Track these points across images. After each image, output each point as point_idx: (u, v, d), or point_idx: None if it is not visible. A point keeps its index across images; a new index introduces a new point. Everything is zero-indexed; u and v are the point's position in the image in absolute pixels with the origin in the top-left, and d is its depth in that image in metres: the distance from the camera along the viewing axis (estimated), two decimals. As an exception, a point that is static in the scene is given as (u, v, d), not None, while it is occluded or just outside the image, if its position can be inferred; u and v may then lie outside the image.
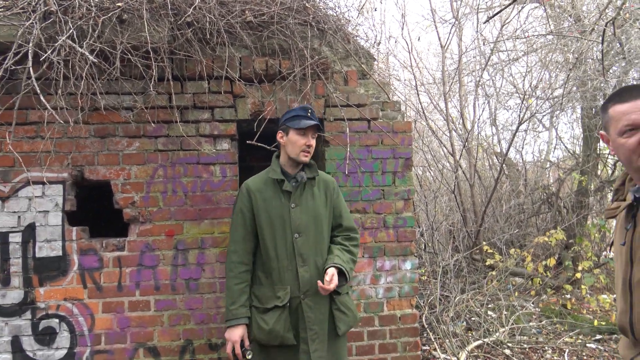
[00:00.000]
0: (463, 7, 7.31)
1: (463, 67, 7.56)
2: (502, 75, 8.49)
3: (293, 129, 2.78)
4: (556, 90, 6.98)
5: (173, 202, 3.42)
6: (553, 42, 7.29)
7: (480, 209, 7.24)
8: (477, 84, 7.56)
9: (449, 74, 7.35)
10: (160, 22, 3.20)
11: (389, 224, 3.68)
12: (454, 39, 7.82)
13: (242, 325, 2.74)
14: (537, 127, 9.52)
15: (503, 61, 8.04)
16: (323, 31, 3.75)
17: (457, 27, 7.18)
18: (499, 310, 5.64)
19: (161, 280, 3.38)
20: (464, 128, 7.48)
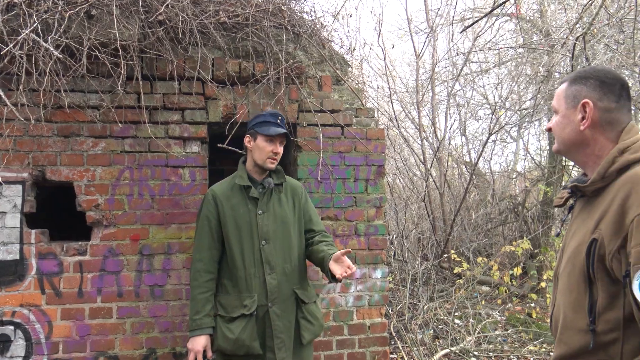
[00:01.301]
0: (437, 17, 7.38)
1: (436, 77, 7.62)
2: (472, 87, 8.62)
3: (261, 135, 2.71)
4: (525, 102, 7.10)
5: (139, 205, 3.30)
6: (523, 55, 7.43)
7: (449, 217, 7.29)
8: (449, 93, 7.63)
9: (422, 83, 7.39)
10: (130, 19, 3.10)
11: (361, 231, 3.64)
12: (427, 49, 7.89)
13: (206, 335, 2.66)
14: (506, 138, 9.70)
15: (474, 72, 8.16)
16: (298, 35, 3.71)
17: (432, 36, 7.24)
18: (465, 318, 5.67)
19: (124, 286, 3.26)
20: (435, 137, 7.54)
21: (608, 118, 1.54)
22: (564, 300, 1.58)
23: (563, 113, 1.61)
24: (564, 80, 1.65)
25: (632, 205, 1.36)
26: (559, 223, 7.25)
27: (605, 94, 1.55)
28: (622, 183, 1.43)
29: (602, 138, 1.55)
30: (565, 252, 1.63)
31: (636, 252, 1.32)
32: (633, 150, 1.47)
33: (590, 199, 1.56)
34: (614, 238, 1.39)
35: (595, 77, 1.56)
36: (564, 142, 1.62)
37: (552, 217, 8.07)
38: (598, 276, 1.44)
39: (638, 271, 1.31)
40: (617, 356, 1.42)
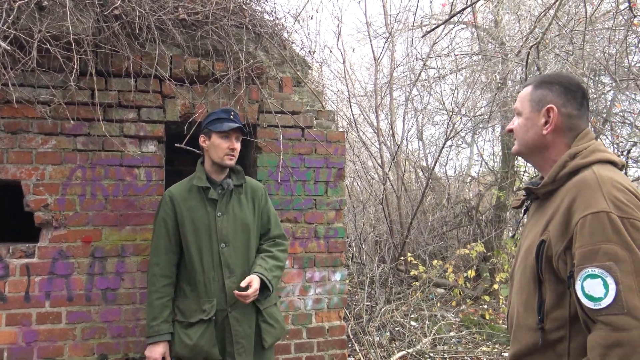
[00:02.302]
0: (396, 23, 7.47)
1: (394, 82, 7.71)
2: (429, 92, 8.77)
3: (215, 132, 2.66)
4: (479, 109, 7.28)
5: (92, 206, 3.18)
6: (478, 63, 7.62)
7: (405, 220, 7.38)
8: (407, 98, 7.74)
9: (380, 87, 7.47)
10: (84, 12, 2.99)
11: (320, 234, 3.63)
12: (386, 53, 7.99)
13: (164, 342, 2.58)
14: (461, 143, 9.91)
15: (432, 77, 8.30)
16: (259, 35, 3.66)
17: (391, 41, 7.32)
18: (421, 320, 5.74)
19: (75, 290, 3.12)
20: (394, 141, 7.62)
21: (569, 124, 1.58)
22: (517, 300, 1.63)
23: (527, 116, 1.63)
24: (529, 84, 1.68)
25: (577, 209, 1.41)
26: (513, 226, 7.45)
27: (569, 100, 1.59)
28: (570, 187, 1.48)
29: (560, 143, 1.59)
30: (519, 253, 1.68)
31: (579, 253, 1.37)
32: (583, 155, 1.52)
33: (542, 201, 1.61)
34: (560, 239, 1.44)
35: (560, 83, 1.60)
36: (526, 144, 1.65)
37: (505, 221, 8.30)
38: (546, 276, 1.49)
39: (581, 272, 1.36)
40: (564, 353, 1.46)
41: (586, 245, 1.36)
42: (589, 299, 1.35)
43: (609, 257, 1.33)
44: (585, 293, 1.35)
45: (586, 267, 1.36)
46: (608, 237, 1.34)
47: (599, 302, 1.33)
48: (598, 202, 1.38)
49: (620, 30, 4.86)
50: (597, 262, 1.34)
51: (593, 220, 1.36)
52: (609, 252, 1.34)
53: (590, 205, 1.39)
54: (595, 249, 1.35)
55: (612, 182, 1.42)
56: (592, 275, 1.34)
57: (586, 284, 1.35)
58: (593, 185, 1.42)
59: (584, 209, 1.39)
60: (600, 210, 1.37)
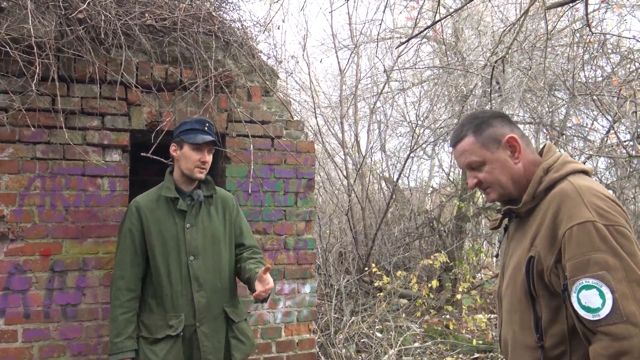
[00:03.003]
0: (361, 35, 7.54)
1: (358, 94, 7.76)
2: (391, 105, 8.87)
3: (188, 144, 2.57)
4: (443, 121, 7.41)
5: (51, 217, 3.03)
6: (440, 76, 7.76)
7: (369, 231, 7.40)
8: (372, 110, 7.80)
9: (345, 98, 7.50)
10: (47, 15, 2.86)
11: (290, 245, 3.57)
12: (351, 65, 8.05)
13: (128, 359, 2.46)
14: (422, 155, 10.06)
15: (395, 90, 8.41)
16: (228, 43, 3.61)
17: (356, 53, 7.38)
18: (387, 331, 5.74)
19: (32, 306, 2.96)
20: (358, 152, 7.66)
21: (525, 141, 1.62)
22: (510, 320, 1.61)
23: (492, 159, 1.60)
24: (461, 137, 1.64)
25: (562, 220, 1.41)
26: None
27: (510, 124, 1.63)
28: (550, 200, 1.49)
29: (527, 163, 1.60)
30: (505, 272, 1.66)
31: (570, 265, 1.37)
32: (556, 169, 1.54)
33: (523, 219, 1.60)
34: (549, 253, 1.43)
35: (493, 117, 1.63)
36: (505, 185, 1.61)
37: (465, 232, 8.45)
38: (539, 292, 1.48)
39: (574, 284, 1.36)
40: None
41: (576, 256, 1.36)
42: (586, 311, 1.34)
43: (600, 267, 1.33)
44: (582, 305, 1.34)
45: (580, 279, 1.35)
46: (596, 246, 1.35)
47: (597, 313, 1.32)
48: (582, 212, 1.39)
49: (577, 46, 5.06)
50: (589, 272, 1.34)
51: (579, 231, 1.37)
52: (599, 261, 1.34)
53: (575, 216, 1.39)
54: (586, 260, 1.35)
55: (591, 191, 1.43)
56: (586, 287, 1.34)
57: (582, 295, 1.34)
58: (573, 195, 1.43)
59: (569, 221, 1.39)
60: (585, 220, 1.37)
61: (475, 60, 7.25)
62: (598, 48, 4.53)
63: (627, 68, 5.69)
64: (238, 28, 3.81)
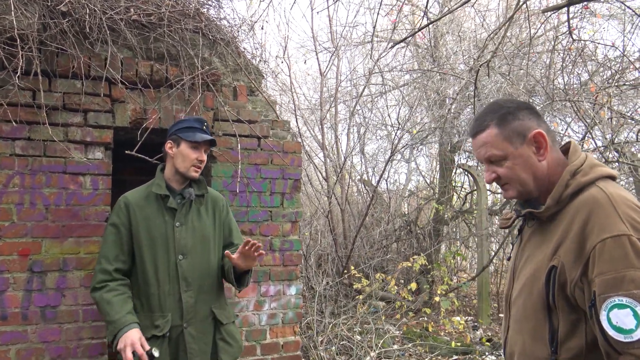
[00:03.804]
0: (341, 38, 7.55)
1: (339, 96, 7.77)
2: (369, 108, 8.90)
3: (186, 141, 2.53)
4: (423, 125, 7.47)
5: (31, 216, 2.92)
6: (419, 80, 7.83)
7: (349, 234, 7.39)
8: (352, 112, 7.81)
9: (325, 100, 7.49)
10: (29, 7, 2.77)
11: (276, 247, 3.53)
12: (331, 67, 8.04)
13: (136, 329, 2.35)
14: (399, 159, 10.13)
15: (374, 94, 8.44)
16: (214, 41, 3.55)
17: (336, 56, 7.38)
18: (366, 334, 5.74)
19: (10, 308, 2.84)
20: (338, 155, 7.65)
21: (552, 138, 1.50)
22: (520, 329, 1.52)
23: (514, 154, 1.49)
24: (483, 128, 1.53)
25: (592, 231, 1.32)
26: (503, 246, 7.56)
27: (537, 117, 1.52)
28: (578, 207, 1.39)
29: (552, 162, 1.50)
30: (518, 277, 1.56)
31: (601, 281, 1.28)
32: (584, 172, 1.44)
33: (544, 223, 1.50)
34: (575, 265, 1.34)
35: (520, 108, 1.51)
36: (525, 182, 1.50)
37: (443, 235, 8.52)
38: (559, 304, 1.39)
39: (605, 302, 1.27)
40: None
41: (608, 272, 1.27)
42: (617, 331, 1.25)
43: (635, 285, 1.24)
44: (613, 325, 1.25)
45: (612, 297, 1.26)
46: (632, 262, 1.25)
47: (630, 335, 1.23)
48: (616, 224, 1.29)
49: (557, 53, 5.16)
50: (623, 290, 1.25)
51: (613, 245, 1.27)
52: (635, 279, 1.24)
53: (608, 228, 1.29)
54: (620, 277, 1.25)
55: (625, 202, 1.34)
56: (619, 305, 1.25)
57: (613, 314, 1.25)
58: (606, 205, 1.33)
59: (601, 232, 1.30)
60: (620, 234, 1.28)
61: (454, 65, 7.33)
62: (577, 55, 4.62)
63: (601, 75, 5.83)
64: (225, 26, 3.76)
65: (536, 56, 5.53)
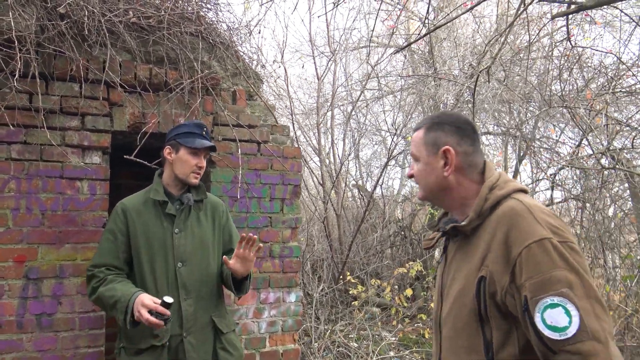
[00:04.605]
0: (338, 44, 7.54)
1: (335, 101, 7.75)
2: (363, 114, 8.89)
3: (185, 147, 2.49)
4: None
5: (26, 221, 2.86)
6: (415, 86, 7.83)
7: (344, 239, 7.36)
8: (348, 117, 7.79)
9: (321, 105, 7.47)
10: (27, 8, 2.72)
11: (275, 253, 3.49)
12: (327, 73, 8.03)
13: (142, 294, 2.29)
14: (394, 164, 10.13)
15: (369, 99, 8.44)
16: (213, 45, 3.51)
17: (333, 60, 7.37)
18: (361, 340, 5.70)
19: (4, 315, 2.77)
20: (334, 160, 7.63)
21: (468, 161, 1.57)
22: (454, 346, 1.52)
23: (425, 160, 1.60)
24: (419, 127, 1.65)
25: (516, 239, 1.37)
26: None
27: (462, 138, 1.57)
28: (498, 218, 1.45)
29: (465, 181, 1.57)
30: (447, 296, 1.57)
31: (531, 284, 1.32)
32: (500, 186, 1.51)
33: (466, 239, 1.55)
34: (504, 273, 1.38)
35: (450, 123, 1.59)
36: (430, 189, 1.61)
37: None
38: (491, 314, 1.42)
39: (538, 303, 1.30)
40: None
41: (536, 275, 1.32)
42: (552, 330, 1.28)
43: (562, 285, 1.29)
44: (548, 324, 1.29)
45: (543, 298, 1.30)
46: (556, 263, 1.31)
47: (565, 332, 1.27)
48: (537, 230, 1.36)
49: (554, 59, 5.18)
50: (552, 290, 1.29)
51: (538, 249, 1.33)
52: (561, 279, 1.30)
53: (530, 234, 1.36)
54: (547, 278, 1.30)
55: (541, 210, 1.42)
56: (552, 305, 1.29)
57: (547, 315, 1.29)
58: (525, 214, 1.40)
59: (524, 239, 1.35)
60: (542, 238, 1.34)
61: (449, 71, 7.34)
62: (575, 61, 4.64)
63: (597, 82, 5.86)
64: (224, 30, 3.72)
65: (532, 62, 5.54)
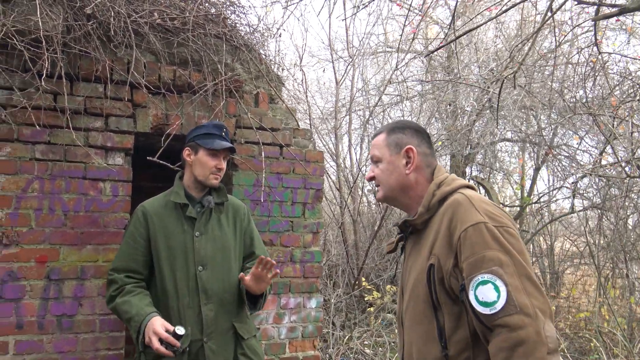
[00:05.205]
0: (355, 49, 7.51)
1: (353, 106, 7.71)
2: (379, 120, 8.84)
3: (204, 149, 2.46)
4: (436, 137, 7.40)
5: (49, 222, 2.84)
6: (430, 92, 7.77)
7: (362, 245, 7.30)
8: (366, 121, 7.74)
9: (339, 110, 7.44)
10: (54, 8, 2.71)
11: (296, 258, 3.45)
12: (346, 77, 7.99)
13: (155, 317, 2.25)
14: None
15: (387, 104, 8.38)
16: (237, 47, 3.49)
17: (352, 65, 7.33)
18: (378, 347, 5.63)
19: (26, 316, 2.76)
20: (351, 165, 7.59)
21: (426, 161, 1.70)
22: (412, 336, 1.62)
23: (388, 160, 1.70)
24: (380, 132, 1.78)
25: (456, 225, 1.50)
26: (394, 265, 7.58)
27: (421, 140, 1.72)
28: (444, 210, 1.57)
29: (422, 179, 1.69)
30: (405, 291, 1.68)
31: (467, 265, 1.43)
32: (446, 183, 1.64)
33: (419, 232, 1.66)
34: (448, 257, 1.49)
35: (409, 127, 1.74)
36: (391, 187, 1.71)
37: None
38: (441, 300, 1.51)
39: (471, 282, 1.41)
40: None
41: (471, 255, 1.43)
42: (483, 306, 1.39)
43: (494, 263, 1.41)
44: (479, 300, 1.40)
45: (476, 276, 1.41)
46: (489, 244, 1.43)
47: (494, 306, 1.37)
48: (474, 215, 1.48)
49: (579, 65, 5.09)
50: (484, 268, 1.41)
51: (473, 232, 1.45)
52: (493, 258, 1.41)
53: (468, 219, 1.48)
54: (480, 257, 1.42)
55: (482, 200, 1.56)
56: (482, 282, 1.40)
57: (478, 291, 1.40)
58: (465, 203, 1.53)
59: (463, 224, 1.48)
60: (477, 222, 1.46)
61: (468, 76, 7.26)
62: (601, 67, 4.55)
63: (622, 89, 5.75)
64: (247, 32, 3.70)
65: (556, 68, 5.46)
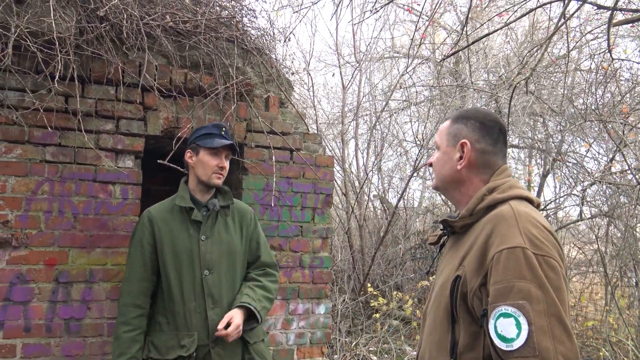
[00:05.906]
0: (364, 53, 7.49)
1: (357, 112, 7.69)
2: (386, 125, 8.82)
3: (204, 149, 2.44)
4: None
5: (58, 224, 2.83)
6: (438, 97, 7.74)
7: (368, 251, 7.27)
8: (373, 127, 7.72)
9: (345, 114, 7.42)
10: (67, 10, 2.70)
11: (305, 263, 3.42)
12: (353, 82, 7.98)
13: None
14: (415, 176, 10.00)
15: (392, 110, 8.36)
16: (248, 51, 3.48)
17: (359, 70, 7.32)
18: (383, 353, 5.59)
19: (34, 319, 2.74)
20: (358, 170, 7.55)
21: (484, 160, 1.55)
22: (429, 340, 1.53)
23: (444, 150, 1.61)
24: (448, 118, 1.66)
25: (493, 243, 1.35)
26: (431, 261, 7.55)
27: (484, 136, 1.56)
28: (487, 220, 1.43)
29: (476, 179, 1.56)
30: (433, 291, 1.59)
31: (493, 290, 1.29)
32: (501, 190, 1.48)
33: (459, 235, 1.55)
34: (476, 275, 1.36)
35: (475, 118, 1.58)
36: (443, 179, 1.62)
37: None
38: (460, 314, 1.40)
39: (494, 310, 1.28)
40: None
41: (500, 282, 1.29)
42: (501, 340, 1.27)
43: (522, 296, 1.26)
44: (498, 333, 1.27)
45: (500, 306, 1.28)
46: (522, 274, 1.27)
47: (511, 344, 1.25)
48: (514, 237, 1.32)
49: (590, 72, 5.06)
50: (510, 300, 1.27)
51: (508, 256, 1.30)
52: (523, 289, 1.26)
53: (506, 239, 1.33)
54: (509, 286, 1.27)
55: (528, 218, 1.37)
56: (505, 315, 1.27)
57: (499, 323, 1.27)
58: (510, 220, 1.37)
59: (500, 244, 1.33)
60: (515, 246, 1.30)
61: (476, 82, 7.24)
62: (611, 74, 4.52)
63: (633, 96, 5.71)
64: (257, 36, 3.69)
65: (564, 75, 5.43)
